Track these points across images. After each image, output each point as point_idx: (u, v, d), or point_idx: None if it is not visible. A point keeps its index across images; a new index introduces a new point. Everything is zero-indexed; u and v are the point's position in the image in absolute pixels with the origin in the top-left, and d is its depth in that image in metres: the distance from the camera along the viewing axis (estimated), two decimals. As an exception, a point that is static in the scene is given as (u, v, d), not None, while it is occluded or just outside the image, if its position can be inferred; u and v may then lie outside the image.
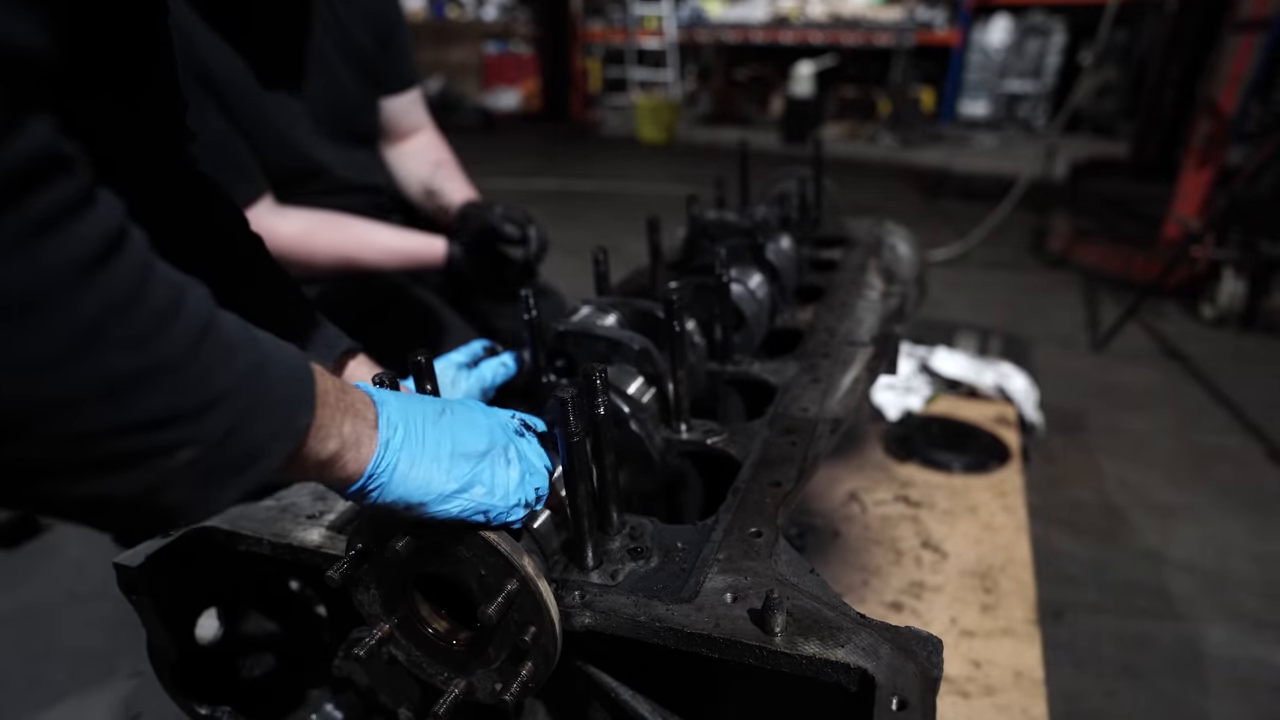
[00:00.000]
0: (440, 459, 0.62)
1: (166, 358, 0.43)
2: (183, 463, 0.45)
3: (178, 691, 0.85)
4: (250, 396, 0.48)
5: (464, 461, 0.63)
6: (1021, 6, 10.51)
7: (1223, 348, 3.45)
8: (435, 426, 0.63)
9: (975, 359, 2.48)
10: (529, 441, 0.72)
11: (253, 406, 0.49)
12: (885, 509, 1.77)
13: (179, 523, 0.52)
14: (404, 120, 1.80)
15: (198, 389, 0.45)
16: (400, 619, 0.70)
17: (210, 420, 0.46)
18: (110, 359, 0.41)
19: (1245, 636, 1.74)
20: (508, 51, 12.25)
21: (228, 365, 0.47)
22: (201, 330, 0.46)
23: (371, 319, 1.60)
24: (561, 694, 0.79)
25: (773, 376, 1.13)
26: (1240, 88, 3.87)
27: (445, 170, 1.82)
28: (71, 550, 2.01)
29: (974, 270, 4.54)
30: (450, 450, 0.63)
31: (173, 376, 0.44)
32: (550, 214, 5.86)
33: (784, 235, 1.53)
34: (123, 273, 0.42)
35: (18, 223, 0.36)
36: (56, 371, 0.39)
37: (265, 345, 0.52)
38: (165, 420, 0.43)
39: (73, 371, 0.39)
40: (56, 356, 0.39)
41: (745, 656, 0.63)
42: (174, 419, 0.44)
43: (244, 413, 0.48)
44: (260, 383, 0.50)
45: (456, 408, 0.67)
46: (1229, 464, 2.49)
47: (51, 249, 0.38)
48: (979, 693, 1.26)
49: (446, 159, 1.85)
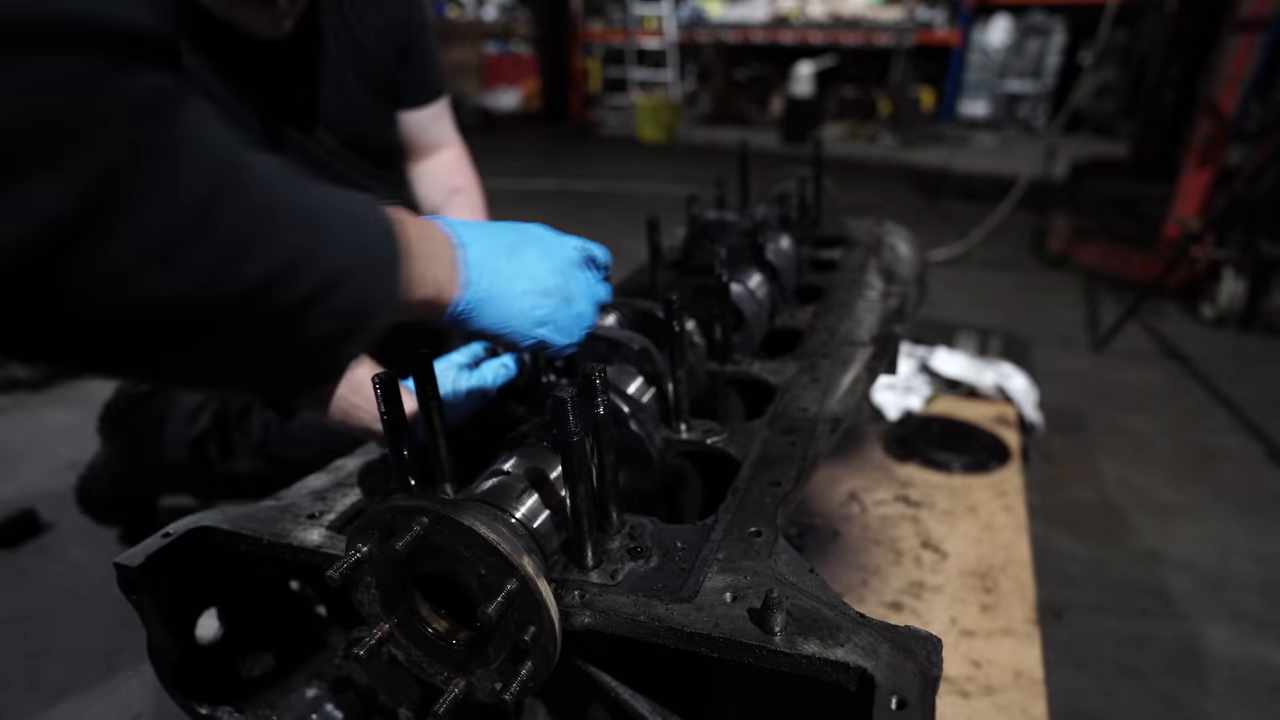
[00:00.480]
0: (513, 297, 0.73)
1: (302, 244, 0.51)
2: (317, 321, 0.53)
3: (178, 691, 0.85)
4: (347, 240, 0.56)
5: (534, 298, 0.74)
6: (1021, 6, 10.51)
7: (1223, 348, 3.45)
8: (510, 263, 0.73)
9: (975, 359, 2.48)
10: (589, 277, 0.83)
11: (354, 253, 0.56)
12: (885, 509, 1.77)
13: (332, 374, 0.62)
14: (426, 136, 1.71)
15: (323, 263, 0.53)
16: (400, 619, 0.70)
17: (322, 268, 0.53)
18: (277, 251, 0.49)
19: (1245, 636, 1.74)
20: (508, 51, 12.25)
21: (335, 240, 0.54)
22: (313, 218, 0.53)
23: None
24: (561, 693, 0.79)
25: (772, 376, 1.13)
26: (1240, 88, 3.87)
27: (460, 198, 1.73)
28: (71, 550, 2.01)
29: (974, 270, 4.54)
30: (524, 288, 0.74)
31: (305, 257, 0.51)
32: (550, 214, 5.86)
33: (784, 235, 1.53)
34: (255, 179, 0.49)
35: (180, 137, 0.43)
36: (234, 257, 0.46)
37: (351, 203, 0.58)
38: (294, 267, 0.51)
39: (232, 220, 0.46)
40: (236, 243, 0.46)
41: (745, 656, 0.63)
42: (297, 269, 0.51)
43: (349, 260, 0.55)
44: (363, 253, 0.57)
45: (529, 240, 0.77)
46: (1229, 464, 2.49)
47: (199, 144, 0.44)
48: (979, 692, 1.26)
49: (465, 184, 1.76)
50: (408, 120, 1.67)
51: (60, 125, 0.37)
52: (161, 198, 0.42)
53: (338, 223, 0.56)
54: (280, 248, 0.50)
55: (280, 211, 0.51)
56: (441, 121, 1.74)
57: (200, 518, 0.83)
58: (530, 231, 0.79)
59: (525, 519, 0.74)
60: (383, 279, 0.60)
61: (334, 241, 0.54)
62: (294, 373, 0.58)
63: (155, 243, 0.43)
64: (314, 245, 0.52)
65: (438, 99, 1.71)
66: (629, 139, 9.60)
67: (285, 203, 0.51)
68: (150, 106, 0.41)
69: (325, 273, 0.53)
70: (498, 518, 0.71)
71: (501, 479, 0.77)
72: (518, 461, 0.80)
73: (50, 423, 2.66)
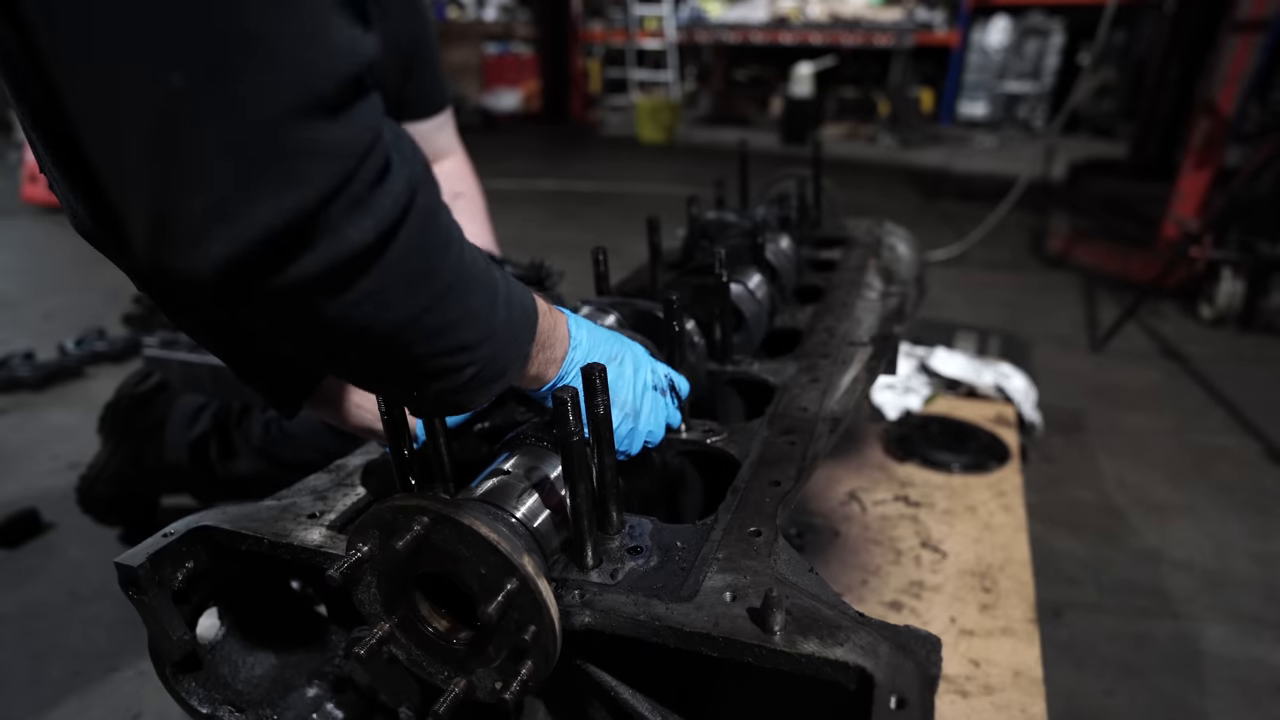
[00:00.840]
0: None
1: (475, 308, 0.62)
2: (466, 377, 0.64)
3: (178, 691, 0.85)
4: (508, 332, 0.67)
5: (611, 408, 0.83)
6: (1020, 7, 10.53)
7: (1221, 348, 3.45)
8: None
9: (974, 359, 2.48)
10: (665, 402, 0.93)
11: (510, 339, 0.68)
12: (884, 509, 1.78)
13: (457, 412, 0.71)
14: (429, 146, 1.70)
15: (483, 328, 0.63)
16: (400, 618, 0.71)
17: (485, 349, 0.64)
18: (449, 307, 0.58)
19: (1244, 636, 1.74)
20: (508, 52, 12.26)
21: (496, 309, 0.65)
22: (495, 289, 0.65)
23: None
24: (561, 693, 0.79)
25: (772, 376, 1.14)
26: (1238, 88, 3.87)
27: (462, 202, 1.73)
28: (72, 550, 2.02)
29: (973, 270, 4.55)
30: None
31: (473, 319, 0.62)
32: (550, 214, 5.87)
33: (783, 235, 1.54)
34: (462, 254, 0.61)
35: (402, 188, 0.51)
36: (433, 316, 0.57)
37: (515, 292, 0.69)
38: (465, 348, 0.62)
39: (439, 310, 0.57)
40: (431, 301, 0.56)
41: (744, 655, 0.63)
42: (467, 349, 0.62)
43: (504, 339, 0.67)
44: (514, 317, 0.68)
45: (625, 361, 0.87)
46: (1227, 463, 2.49)
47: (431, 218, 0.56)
48: (978, 691, 1.26)
49: (467, 190, 1.76)
50: (412, 132, 1.67)
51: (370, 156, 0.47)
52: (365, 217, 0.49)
53: (506, 292, 0.67)
54: (459, 289, 0.59)
55: (470, 265, 0.61)
56: (445, 131, 1.74)
57: (200, 517, 0.84)
58: (631, 349, 0.90)
59: (525, 519, 0.74)
60: (520, 353, 0.71)
61: (497, 307, 0.65)
62: (430, 400, 0.67)
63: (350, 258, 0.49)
64: (488, 306, 0.64)
65: (442, 110, 1.70)
66: (629, 139, 9.61)
67: (471, 258, 0.62)
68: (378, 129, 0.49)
69: (487, 332, 0.64)
70: (498, 517, 0.71)
71: (502, 479, 0.78)
72: (518, 461, 0.80)
73: (51, 423, 2.66)
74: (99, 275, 4.00)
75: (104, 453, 1.95)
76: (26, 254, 4.65)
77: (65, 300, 3.83)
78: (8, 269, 4.31)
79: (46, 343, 3.19)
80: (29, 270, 4.34)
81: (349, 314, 0.51)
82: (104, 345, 3.17)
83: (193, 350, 1.98)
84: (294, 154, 0.43)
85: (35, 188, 5.30)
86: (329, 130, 0.44)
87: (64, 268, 4.31)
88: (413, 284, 0.54)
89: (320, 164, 0.44)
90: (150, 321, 3.38)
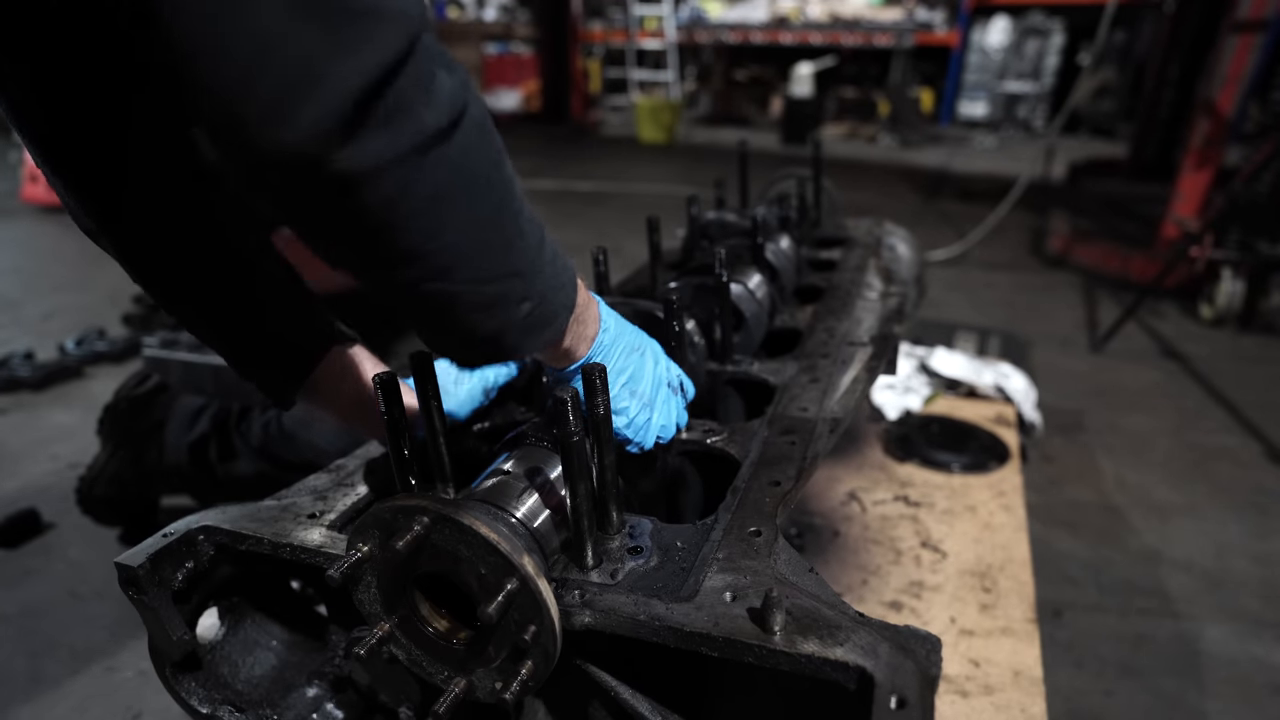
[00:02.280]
0: (614, 384, 0.85)
1: (526, 234, 0.65)
2: (522, 313, 0.66)
3: (178, 691, 0.85)
4: (554, 277, 0.70)
5: (628, 395, 0.87)
6: (1020, 7, 10.52)
7: (1221, 348, 3.46)
8: (625, 359, 0.87)
9: (974, 359, 2.48)
10: (677, 401, 0.94)
11: (557, 285, 0.70)
12: (884, 508, 1.78)
13: (508, 357, 0.72)
14: None
15: (534, 259, 0.66)
16: (401, 618, 0.71)
17: (538, 284, 0.67)
18: (506, 223, 0.62)
19: (1244, 636, 1.74)
20: (508, 52, 12.26)
21: (544, 247, 0.68)
22: (541, 229, 0.67)
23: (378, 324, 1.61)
24: (561, 693, 0.79)
25: (772, 376, 1.14)
26: (1238, 88, 3.87)
27: None
28: (72, 550, 2.02)
29: (973, 270, 4.55)
30: (624, 382, 0.87)
31: (526, 247, 0.65)
32: (550, 214, 5.87)
33: (783, 235, 1.54)
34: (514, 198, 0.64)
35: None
36: (490, 231, 0.61)
37: (557, 246, 0.71)
38: (519, 274, 0.64)
39: (496, 226, 0.61)
40: (490, 218, 0.60)
41: (744, 655, 0.63)
42: (520, 276, 0.65)
43: (552, 283, 0.69)
44: (558, 266, 0.71)
45: (646, 353, 0.90)
46: (1227, 463, 2.49)
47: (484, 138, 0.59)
48: (978, 691, 1.26)
49: None
50: None
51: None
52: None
53: (550, 240, 0.70)
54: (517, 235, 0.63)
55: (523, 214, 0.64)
56: None
57: (201, 517, 0.84)
58: (651, 344, 0.93)
59: (525, 519, 0.74)
60: (566, 304, 0.73)
61: (545, 246, 0.68)
62: (483, 341, 0.68)
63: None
64: (537, 240, 0.66)
65: None
66: (629, 139, 9.61)
67: (520, 190, 0.64)
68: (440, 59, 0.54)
69: (539, 265, 0.67)
70: (498, 517, 0.71)
71: (502, 479, 0.78)
72: (518, 461, 0.80)
73: (51, 423, 2.66)
74: (99, 275, 4.00)
75: (103, 454, 1.96)
76: (26, 254, 4.65)
77: (65, 300, 3.83)
78: (8, 269, 4.31)
79: (46, 343, 3.19)
80: (29, 270, 4.34)
81: (420, 212, 0.55)
82: (104, 345, 3.17)
83: (194, 350, 1.98)
84: (362, 16, 0.47)
85: (35, 188, 5.31)
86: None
87: (64, 268, 4.32)
88: (473, 190, 0.58)
89: (386, 26, 0.48)
90: (150, 321, 3.39)
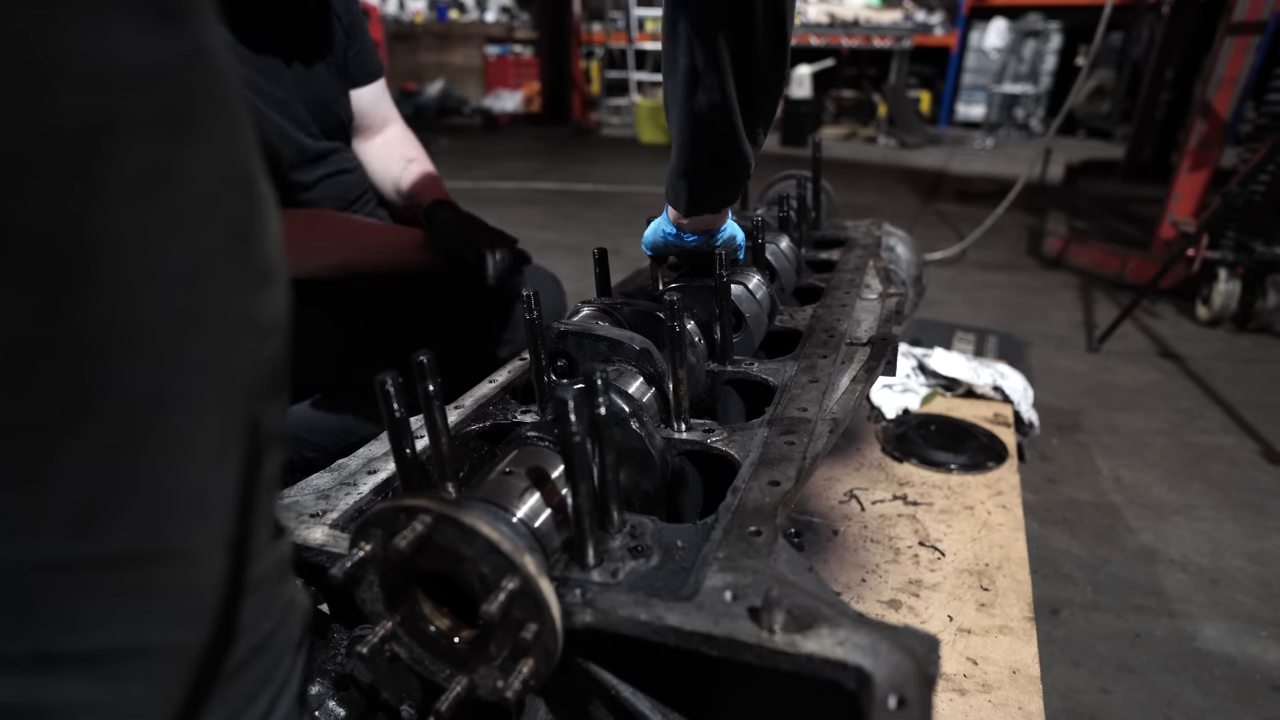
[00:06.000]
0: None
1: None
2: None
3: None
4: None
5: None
6: (1018, 9, 10.55)
7: (1218, 348, 3.47)
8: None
9: (972, 359, 2.49)
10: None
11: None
12: (883, 508, 1.78)
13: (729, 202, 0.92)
14: (374, 113, 1.78)
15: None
16: (402, 617, 0.71)
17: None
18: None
19: (1240, 634, 1.75)
20: (509, 54, 12.26)
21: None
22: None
23: (371, 326, 1.61)
24: (562, 691, 0.80)
25: (772, 377, 1.14)
26: (1235, 90, 3.89)
27: (415, 166, 1.80)
28: (71, 551, 2.01)
29: (971, 271, 4.56)
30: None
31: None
32: (551, 215, 5.87)
33: (783, 236, 1.54)
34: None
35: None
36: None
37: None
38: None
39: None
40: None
41: (744, 654, 0.64)
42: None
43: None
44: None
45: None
46: (1224, 463, 2.50)
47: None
48: (976, 690, 1.27)
49: (417, 155, 1.83)
50: (357, 98, 1.73)
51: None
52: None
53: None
54: None
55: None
56: (385, 99, 1.82)
57: (203, 517, 0.84)
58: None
59: (527, 518, 0.74)
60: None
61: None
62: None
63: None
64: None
65: (380, 77, 1.79)
66: (630, 141, 9.61)
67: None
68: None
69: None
70: (499, 517, 0.72)
71: (503, 478, 0.78)
72: (519, 461, 0.80)
73: (49, 424, 2.65)
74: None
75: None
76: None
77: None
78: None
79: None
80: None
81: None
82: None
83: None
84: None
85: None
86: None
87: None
88: None
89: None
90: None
